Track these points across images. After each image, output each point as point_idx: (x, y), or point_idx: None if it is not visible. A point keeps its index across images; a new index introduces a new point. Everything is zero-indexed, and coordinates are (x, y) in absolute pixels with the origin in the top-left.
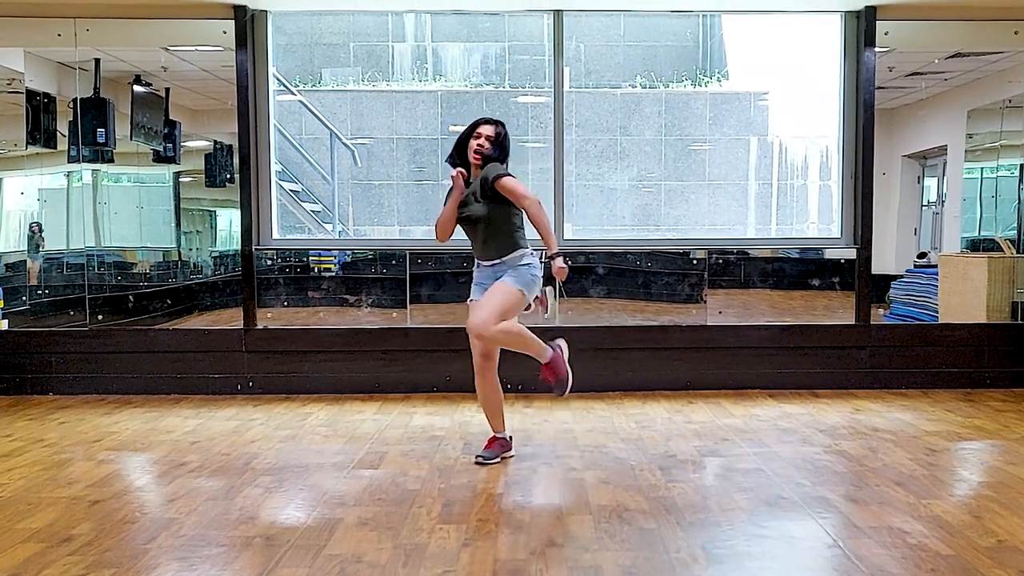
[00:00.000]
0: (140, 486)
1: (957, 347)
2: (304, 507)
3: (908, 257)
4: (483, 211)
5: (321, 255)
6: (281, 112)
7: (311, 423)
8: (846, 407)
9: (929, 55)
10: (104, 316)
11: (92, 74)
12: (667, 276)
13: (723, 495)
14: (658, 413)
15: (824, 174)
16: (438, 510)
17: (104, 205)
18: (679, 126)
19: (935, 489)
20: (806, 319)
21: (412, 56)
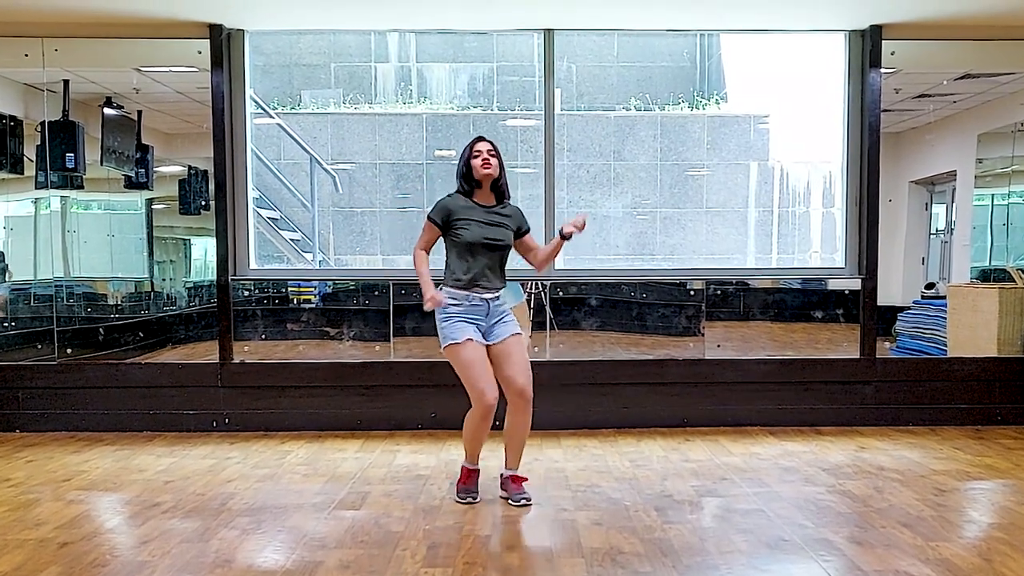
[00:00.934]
0: (111, 528)
1: (967, 382)
2: (283, 550)
3: (915, 288)
4: (509, 239)
5: (300, 286)
6: (259, 136)
7: (290, 462)
8: (850, 445)
9: (937, 76)
10: (73, 349)
11: (61, 96)
12: (663, 308)
13: (722, 537)
14: (654, 451)
15: (827, 201)
16: (423, 553)
17: (73, 233)
18: (675, 150)
19: (944, 531)
20: (808, 353)
21: (396, 77)
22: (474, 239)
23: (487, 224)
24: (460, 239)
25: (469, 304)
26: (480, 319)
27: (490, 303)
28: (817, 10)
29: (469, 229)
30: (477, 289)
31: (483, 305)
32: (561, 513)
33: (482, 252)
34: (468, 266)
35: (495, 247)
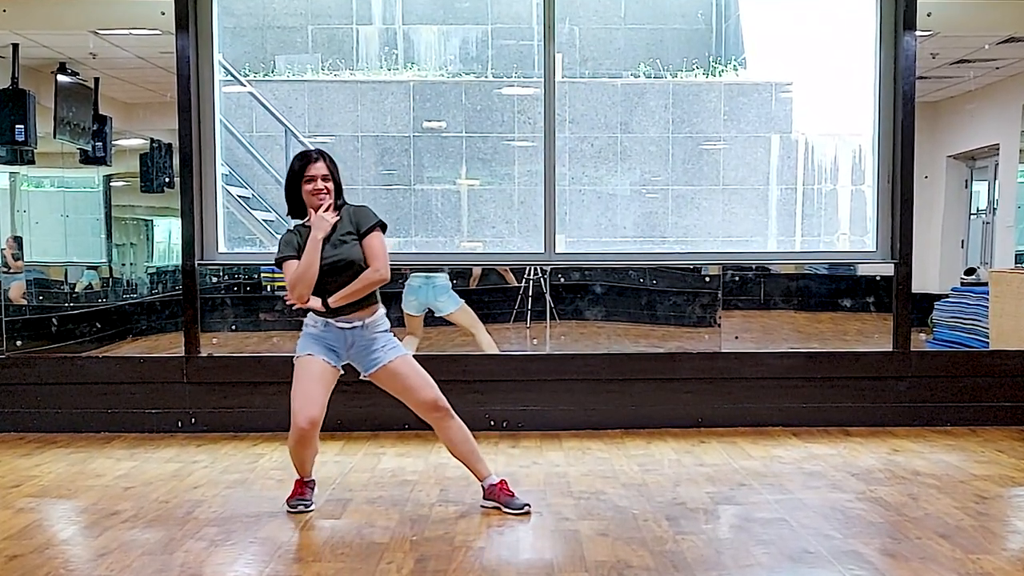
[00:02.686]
0: (65, 539)
1: (1011, 378)
2: (255, 563)
3: (954, 274)
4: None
5: (274, 271)
6: (228, 106)
7: (263, 466)
8: (882, 447)
9: (978, 40)
10: (23, 342)
11: (9, 61)
12: (675, 296)
13: (740, 549)
14: (665, 454)
15: (857, 178)
16: (410, 567)
17: (23, 213)
18: (689, 122)
19: (986, 542)
20: (836, 346)
21: (380, 41)
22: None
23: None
24: None
25: (324, 329)
26: (338, 346)
27: (350, 333)
28: None
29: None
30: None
31: (341, 334)
32: (562, 523)
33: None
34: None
35: (336, 267)
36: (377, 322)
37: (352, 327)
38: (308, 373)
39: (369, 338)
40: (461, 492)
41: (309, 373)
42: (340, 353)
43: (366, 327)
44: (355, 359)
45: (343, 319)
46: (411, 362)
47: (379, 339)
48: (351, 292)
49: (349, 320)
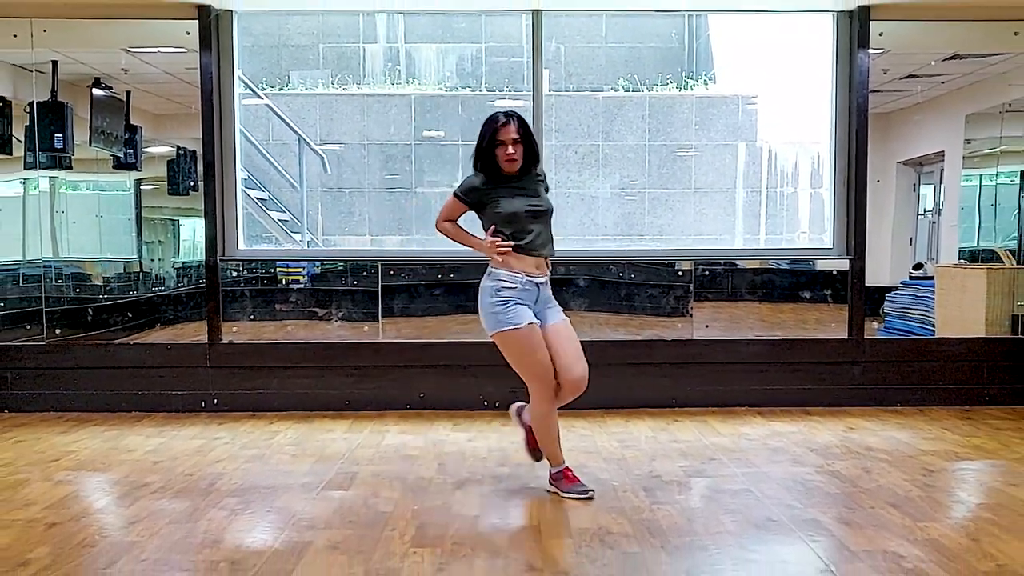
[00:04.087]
0: (99, 508)
1: (955, 362)
2: (271, 530)
3: (903, 268)
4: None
5: (289, 266)
6: (247, 116)
7: (279, 442)
8: (839, 425)
9: (925, 57)
10: (62, 330)
11: (49, 77)
12: (651, 288)
13: (710, 517)
14: (642, 431)
15: (815, 181)
16: (411, 533)
17: (62, 214)
18: (663, 131)
19: (932, 511)
20: (796, 333)
21: (384, 58)
22: (517, 209)
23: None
24: (501, 212)
25: (522, 288)
26: (532, 304)
27: (540, 287)
28: None
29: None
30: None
31: (533, 291)
32: (549, 493)
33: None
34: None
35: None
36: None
37: (543, 281)
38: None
39: (548, 295)
40: (457, 466)
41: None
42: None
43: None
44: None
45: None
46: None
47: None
48: None
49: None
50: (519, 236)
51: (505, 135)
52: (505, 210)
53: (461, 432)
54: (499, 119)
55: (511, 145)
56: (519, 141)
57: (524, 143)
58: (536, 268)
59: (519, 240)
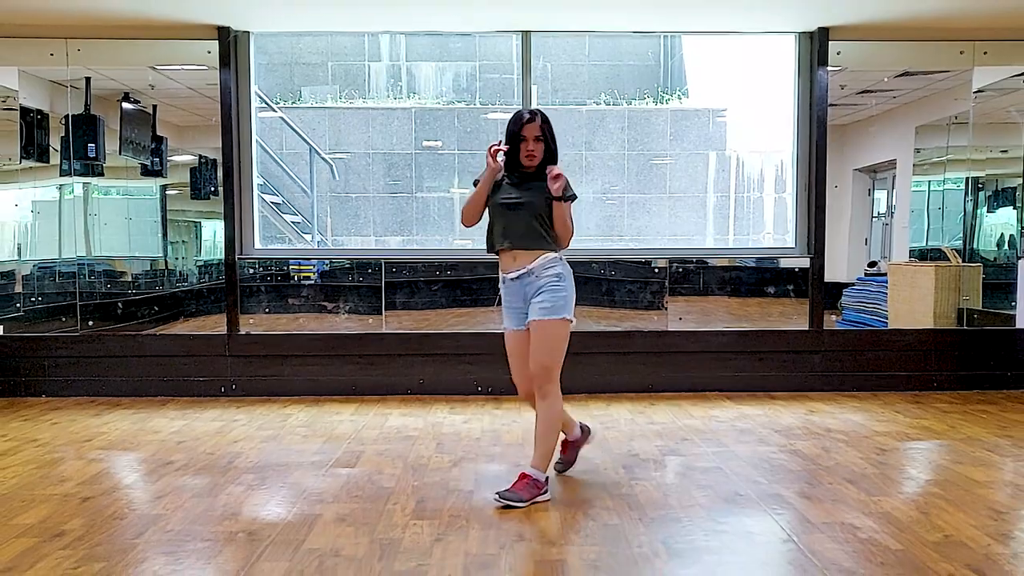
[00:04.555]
0: (128, 484)
1: (906, 351)
2: (284, 504)
3: (859, 266)
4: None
5: (301, 264)
6: (263, 128)
7: (291, 424)
8: (800, 408)
9: (879, 74)
10: (94, 322)
11: (83, 92)
12: (630, 284)
13: (683, 492)
14: (621, 414)
15: (779, 187)
16: (412, 506)
17: (94, 216)
18: (641, 141)
19: (885, 487)
20: (762, 325)
21: (387, 75)
22: (496, 200)
23: (511, 186)
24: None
25: (506, 289)
26: (518, 304)
27: (521, 281)
28: (769, 13)
29: (497, 191)
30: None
31: (516, 287)
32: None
33: (500, 215)
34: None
35: (511, 206)
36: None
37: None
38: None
39: (536, 288)
40: (453, 446)
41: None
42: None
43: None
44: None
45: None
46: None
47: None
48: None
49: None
50: (495, 229)
51: (530, 131)
52: (492, 202)
53: (457, 415)
54: (524, 116)
55: (532, 142)
56: (540, 139)
57: (545, 141)
58: (512, 261)
59: (490, 236)
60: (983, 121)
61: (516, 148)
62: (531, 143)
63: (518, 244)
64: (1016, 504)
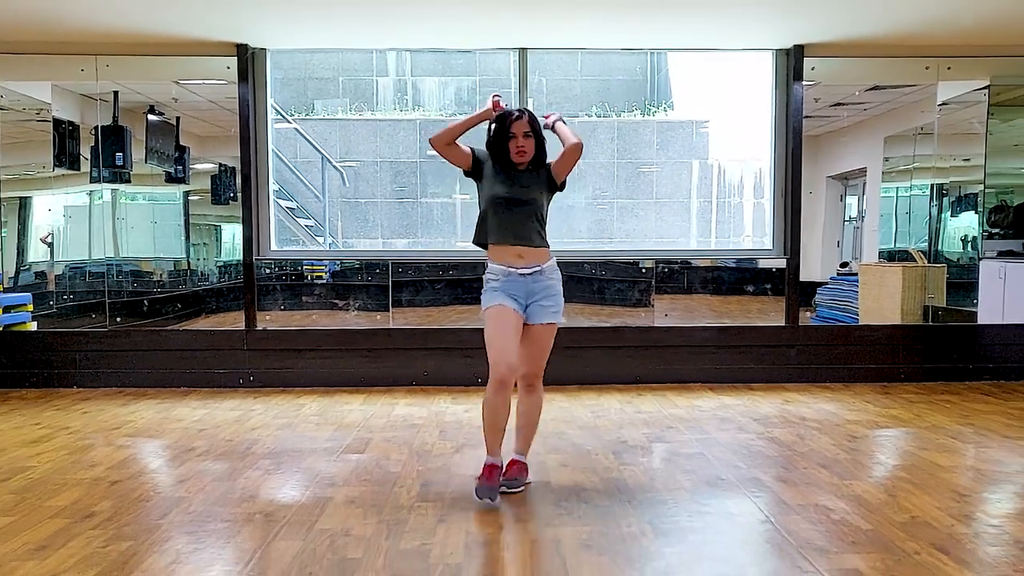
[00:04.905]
0: (154, 468)
1: (875, 346)
2: (299, 487)
3: (832, 266)
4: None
5: (314, 264)
6: (278, 138)
7: (305, 413)
8: (777, 399)
9: (850, 88)
10: (122, 318)
11: (111, 104)
12: (619, 283)
13: (668, 476)
14: (611, 404)
15: (758, 193)
16: (417, 490)
17: (122, 220)
18: (630, 151)
19: (855, 471)
20: (742, 321)
21: (394, 89)
22: (495, 193)
23: (510, 182)
24: (484, 192)
25: (506, 279)
26: (518, 294)
27: (528, 279)
28: (748, 32)
29: (492, 183)
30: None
31: (520, 281)
32: (534, 456)
33: (500, 210)
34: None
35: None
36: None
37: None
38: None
39: (542, 288)
40: (456, 433)
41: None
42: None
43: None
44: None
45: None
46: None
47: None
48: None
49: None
50: (492, 224)
51: (517, 129)
52: (487, 192)
53: (459, 405)
54: (513, 113)
55: (521, 138)
56: (530, 135)
57: (536, 138)
58: (518, 258)
59: (487, 231)
60: (947, 132)
61: (505, 147)
62: (520, 139)
63: (524, 242)
64: (977, 487)
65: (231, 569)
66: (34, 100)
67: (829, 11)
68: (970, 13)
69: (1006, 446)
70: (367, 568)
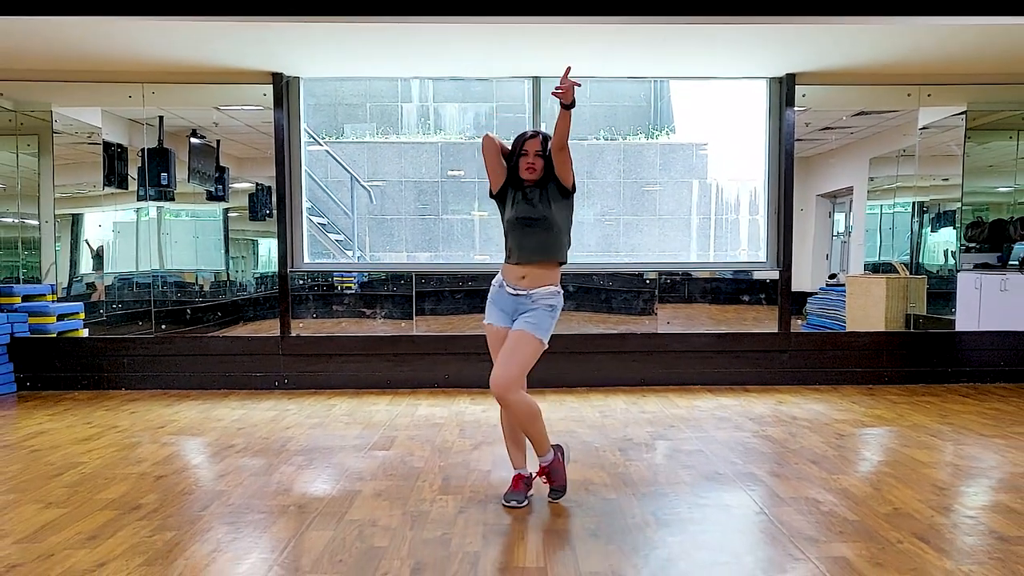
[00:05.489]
0: (196, 464)
1: (861, 351)
2: (330, 481)
3: (821, 277)
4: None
5: (343, 276)
6: (311, 159)
7: (335, 413)
8: (771, 400)
9: (838, 113)
10: (167, 325)
11: (157, 128)
12: (625, 293)
13: (670, 471)
14: (618, 404)
15: (753, 210)
16: (438, 484)
17: (167, 235)
18: (634, 171)
19: (843, 466)
20: (738, 328)
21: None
22: (511, 216)
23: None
24: (504, 215)
25: (497, 291)
26: (508, 309)
27: (517, 299)
28: (744, 61)
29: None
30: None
31: (509, 299)
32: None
33: (515, 231)
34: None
35: (526, 222)
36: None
37: (520, 294)
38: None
39: (528, 305)
40: (474, 432)
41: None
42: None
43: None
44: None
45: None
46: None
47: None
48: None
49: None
50: (511, 243)
51: (530, 147)
52: (506, 215)
53: (477, 405)
54: (528, 133)
55: (532, 156)
56: (540, 155)
57: (545, 159)
58: (519, 278)
59: (511, 248)
60: (927, 154)
61: (517, 163)
62: (531, 156)
63: (529, 259)
64: (956, 481)
65: (267, 557)
66: (86, 124)
67: (818, 43)
68: (948, 45)
69: (982, 443)
70: (392, 556)
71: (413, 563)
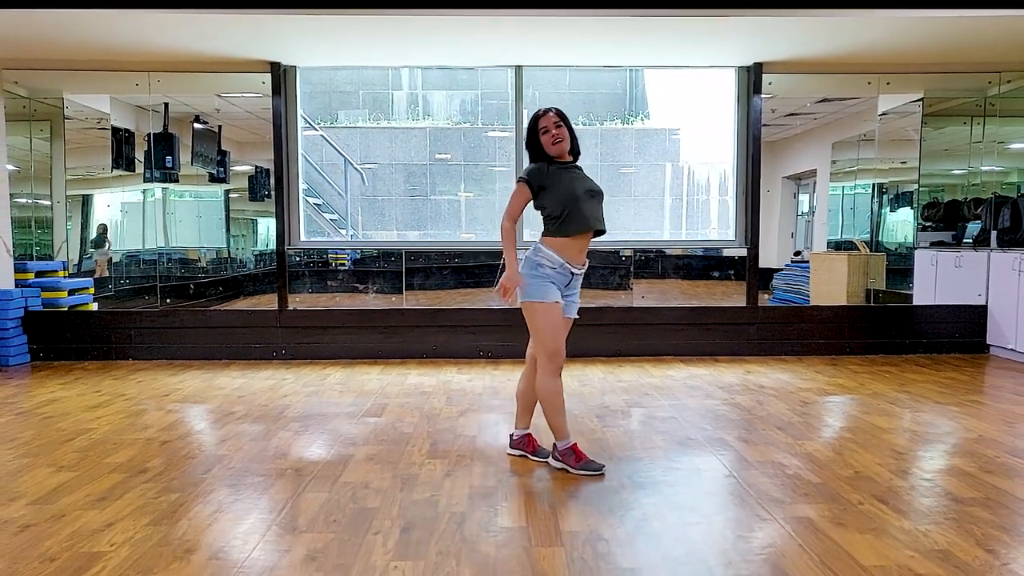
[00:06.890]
0: (199, 430)
1: (824, 323)
2: (325, 446)
3: (786, 254)
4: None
5: (337, 253)
6: (307, 144)
7: (330, 382)
8: (739, 369)
9: (803, 100)
10: (171, 299)
11: (162, 114)
12: (602, 269)
13: (645, 437)
14: (595, 374)
15: (722, 191)
16: (427, 448)
17: (171, 215)
18: (611, 155)
19: (807, 432)
20: (708, 302)
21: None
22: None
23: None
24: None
25: (558, 271)
26: (562, 287)
27: (574, 276)
28: (714, 51)
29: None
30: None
31: (567, 277)
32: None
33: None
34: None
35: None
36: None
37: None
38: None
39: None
40: (460, 399)
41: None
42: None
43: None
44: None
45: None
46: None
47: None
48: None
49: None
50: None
51: (546, 122)
52: (566, 192)
53: (463, 375)
54: (539, 111)
55: (553, 128)
56: (560, 124)
57: (566, 125)
58: (579, 253)
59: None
60: (886, 138)
61: (539, 141)
62: (553, 129)
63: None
64: (913, 446)
65: (266, 517)
66: (95, 111)
67: (784, 34)
68: (906, 36)
69: (937, 410)
70: (384, 516)
71: (403, 523)
